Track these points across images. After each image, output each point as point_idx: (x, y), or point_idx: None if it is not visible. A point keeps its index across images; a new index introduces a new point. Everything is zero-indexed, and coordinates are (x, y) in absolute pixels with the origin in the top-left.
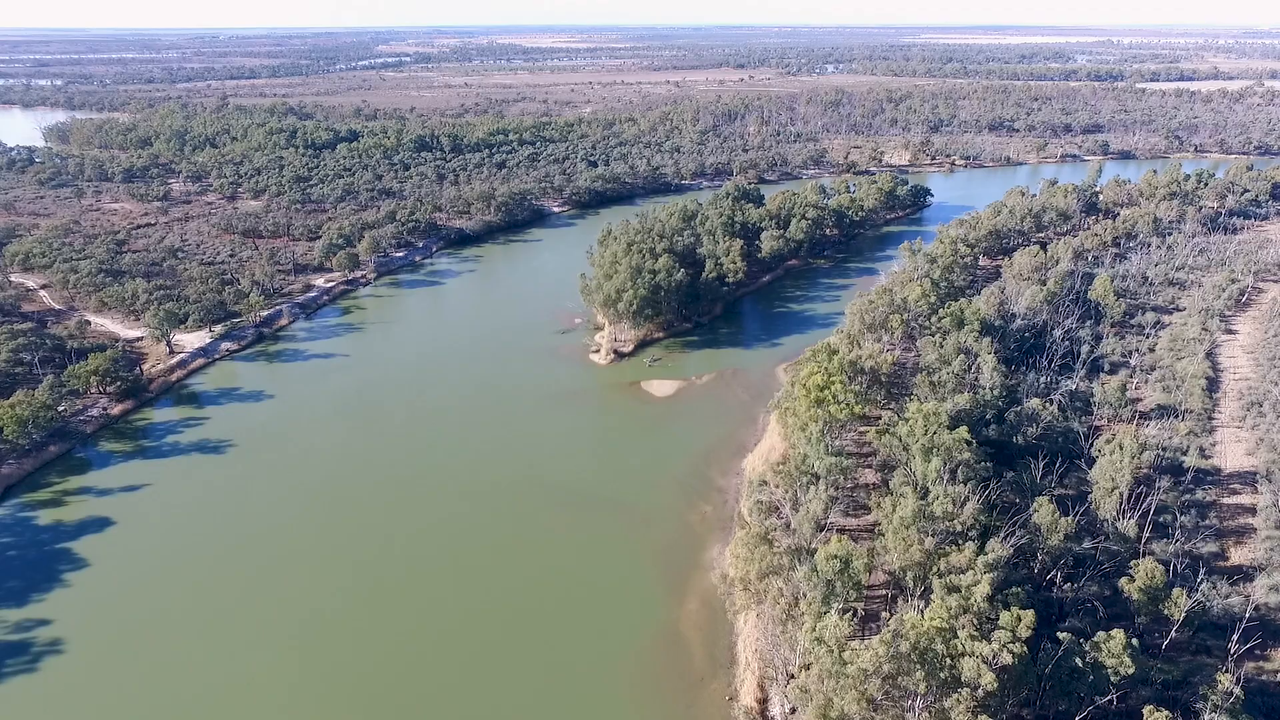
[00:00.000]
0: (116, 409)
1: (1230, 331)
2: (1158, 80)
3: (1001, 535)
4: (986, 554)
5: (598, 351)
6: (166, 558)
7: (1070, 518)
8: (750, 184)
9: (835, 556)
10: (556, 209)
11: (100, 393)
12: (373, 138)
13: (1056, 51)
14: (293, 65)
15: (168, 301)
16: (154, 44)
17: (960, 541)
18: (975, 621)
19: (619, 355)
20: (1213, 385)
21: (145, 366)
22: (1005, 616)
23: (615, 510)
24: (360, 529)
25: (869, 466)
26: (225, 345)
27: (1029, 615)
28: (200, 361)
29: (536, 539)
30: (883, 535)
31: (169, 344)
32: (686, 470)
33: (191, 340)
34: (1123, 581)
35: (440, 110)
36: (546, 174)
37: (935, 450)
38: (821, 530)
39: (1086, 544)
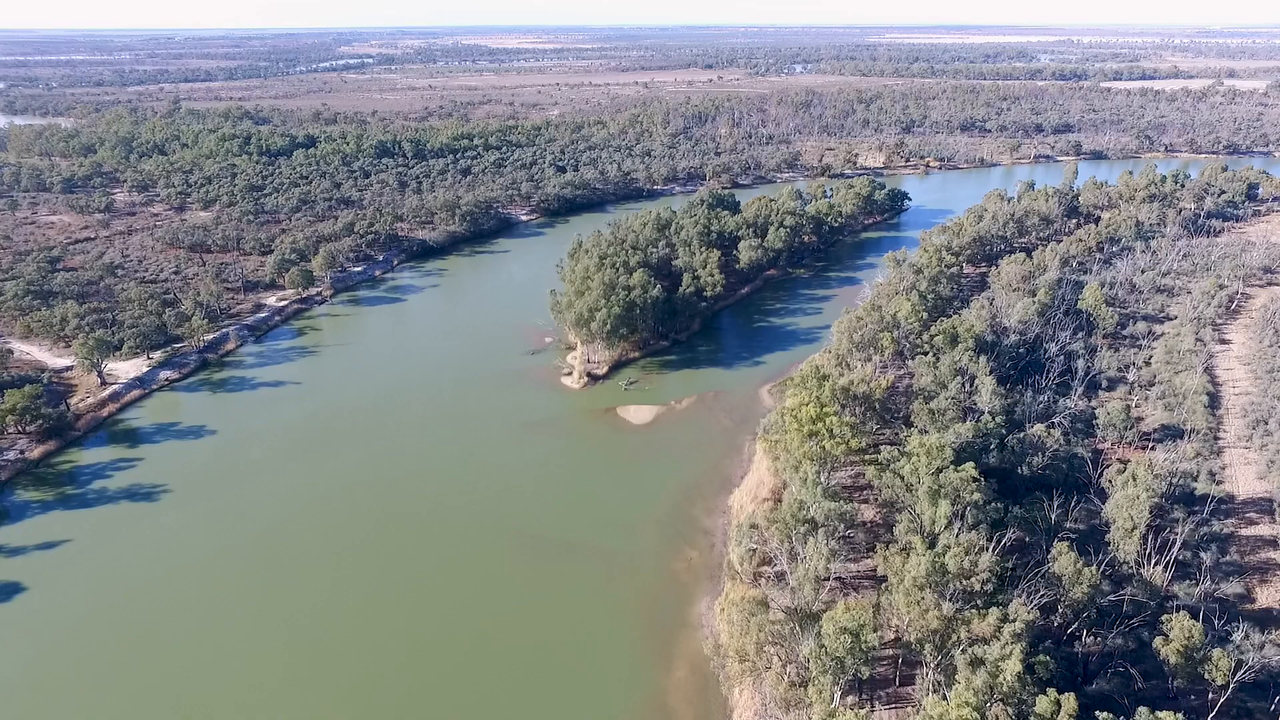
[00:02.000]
0: (37, 451)
1: (1224, 341)
2: (1121, 79)
3: (1021, 589)
4: (1013, 620)
5: (570, 374)
6: (84, 632)
7: (1094, 567)
8: (724, 189)
9: (845, 630)
10: (524, 217)
11: (19, 433)
12: (331, 143)
13: (1020, 51)
14: (251, 67)
15: (101, 326)
16: (105, 45)
17: (979, 602)
18: (1009, 712)
19: (592, 378)
20: (1213, 401)
21: (73, 400)
22: (1043, 702)
23: (592, 557)
24: (305, 588)
25: (866, 501)
26: (165, 374)
27: (1070, 701)
28: (136, 393)
29: (505, 592)
30: (889, 590)
31: (100, 374)
32: (668, 509)
33: (127, 369)
34: (1158, 642)
35: (403, 114)
36: (513, 180)
37: (942, 492)
38: (826, 580)
39: (1108, 590)
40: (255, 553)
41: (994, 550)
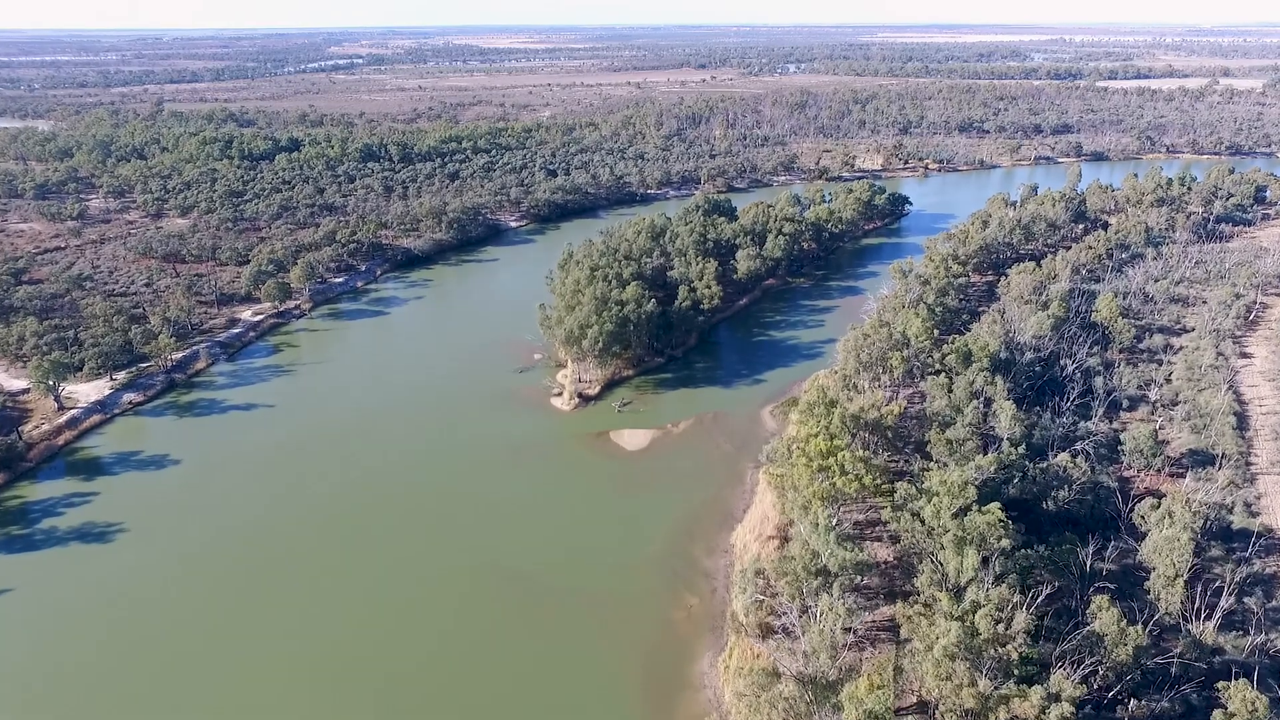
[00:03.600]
0: None
1: (1245, 355)
2: (1116, 78)
3: (1059, 650)
4: (1058, 697)
5: (560, 395)
6: (21, 696)
7: (1139, 626)
8: (719, 193)
9: (871, 715)
10: (514, 223)
11: None
12: (315, 147)
13: (1013, 50)
14: (238, 68)
15: (60, 345)
16: (92, 46)
17: (1016, 672)
18: None
19: (584, 399)
20: (1241, 422)
21: (27, 427)
22: None
23: (582, 603)
24: (271, 633)
25: (879, 539)
26: (129, 396)
27: None
28: (96, 418)
29: (486, 641)
30: (913, 654)
31: (57, 398)
32: (666, 547)
33: (88, 391)
34: (1217, 716)
35: (391, 115)
36: (503, 185)
37: (968, 538)
38: (846, 631)
39: (1151, 648)
40: (217, 596)
41: (1027, 606)
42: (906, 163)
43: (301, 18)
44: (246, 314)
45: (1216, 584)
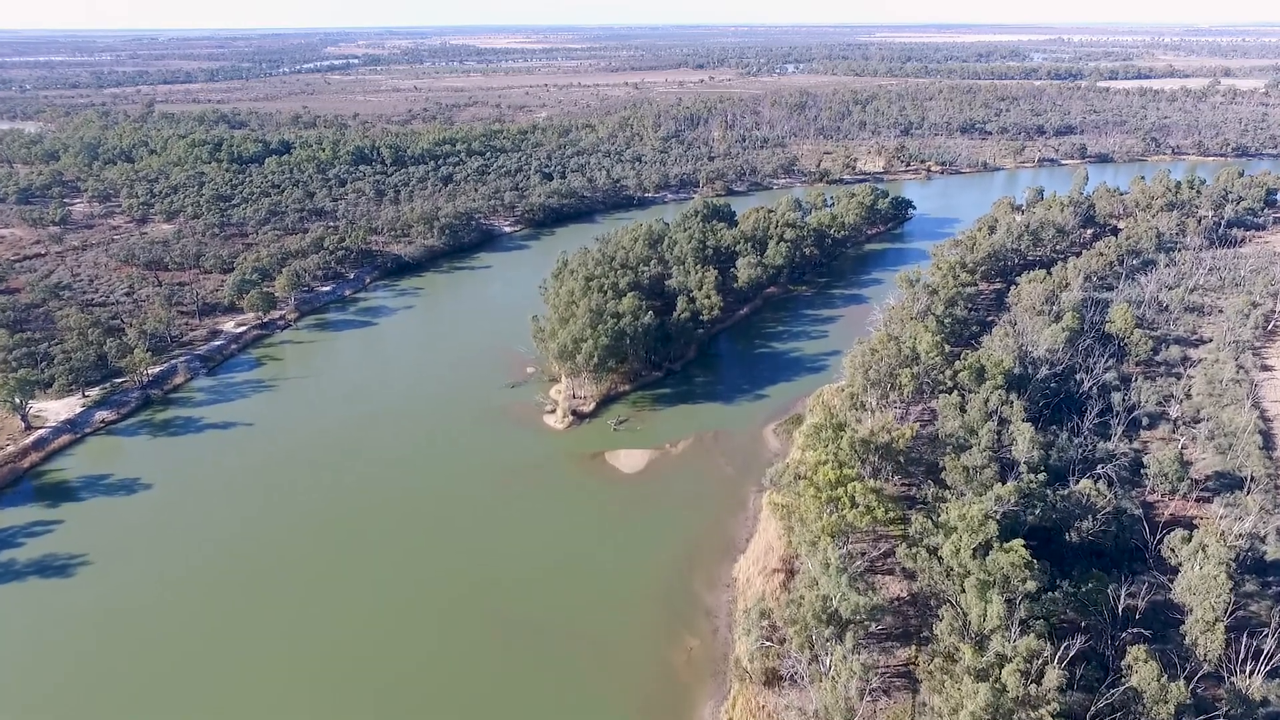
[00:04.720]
0: None
1: (1266, 368)
2: (1117, 78)
3: (1093, 711)
4: None
5: (553, 412)
6: None
7: (1181, 682)
8: (718, 196)
9: None
10: (508, 229)
11: None
12: (306, 150)
13: (1012, 50)
14: (233, 69)
15: (30, 360)
16: (88, 46)
17: None
18: None
19: (578, 417)
20: (1268, 441)
21: None
22: None
23: (576, 644)
24: (245, 674)
25: (890, 572)
26: (101, 414)
27: None
28: (66, 438)
29: (469, 692)
30: (935, 714)
31: (24, 418)
32: (664, 580)
33: (59, 409)
34: None
35: (386, 116)
36: (497, 189)
37: (991, 583)
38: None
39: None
40: (184, 635)
41: (1058, 658)
42: (909, 165)
43: (298, 18)
44: (229, 325)
45: (1257, 626)
